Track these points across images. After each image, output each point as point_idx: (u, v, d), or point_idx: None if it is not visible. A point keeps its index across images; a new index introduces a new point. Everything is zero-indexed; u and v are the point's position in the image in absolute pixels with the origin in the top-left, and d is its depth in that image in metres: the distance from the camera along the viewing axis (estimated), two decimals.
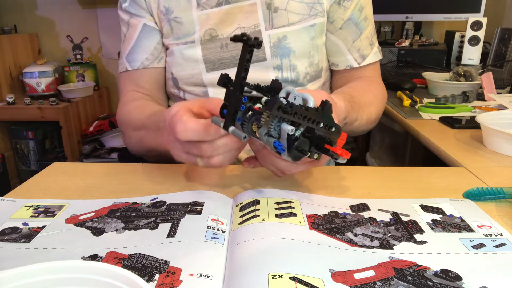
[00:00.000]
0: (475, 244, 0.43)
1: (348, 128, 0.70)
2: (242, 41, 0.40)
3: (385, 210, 0.50)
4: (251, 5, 0.74)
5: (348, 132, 0.74)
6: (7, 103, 2.10)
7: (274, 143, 0.43)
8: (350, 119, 0.68)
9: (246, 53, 0.41)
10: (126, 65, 0.81)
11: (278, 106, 0.40)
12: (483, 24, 1.41)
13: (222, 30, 0.75)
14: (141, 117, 0.71)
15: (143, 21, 0.79)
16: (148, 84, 0.81)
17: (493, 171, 0.64)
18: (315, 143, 0.45)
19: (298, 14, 0.75)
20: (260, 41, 0.40)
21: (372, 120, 0.77)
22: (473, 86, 1.18)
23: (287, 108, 0.41)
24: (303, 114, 0.42)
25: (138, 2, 0.78)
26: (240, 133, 0.45)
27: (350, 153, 0.46)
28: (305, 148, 0.44)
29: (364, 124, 0.74)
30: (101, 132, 2.25)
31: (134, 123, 0.73)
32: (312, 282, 0.36)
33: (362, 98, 0.73)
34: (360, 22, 0.79)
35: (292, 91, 0.46)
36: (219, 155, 0.49)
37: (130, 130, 0.75)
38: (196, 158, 0.50)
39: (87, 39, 2.39)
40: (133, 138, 0.75)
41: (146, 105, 0.76)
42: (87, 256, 0.41)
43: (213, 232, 0.45)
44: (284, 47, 0.75)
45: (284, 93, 0.47)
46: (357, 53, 0.80)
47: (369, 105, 0.74)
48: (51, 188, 0.58)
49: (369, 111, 0.74)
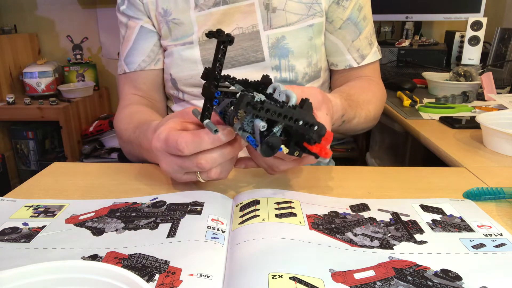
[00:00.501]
0: (475, 244, 0.43)
1: (347, 126, 0.70)
2: (215, 37, 0.41)
3: (385, 210, 0.50)
4: (249, 5, 0.74)
5: (348, 130, 0.73)
6: (7, 103, 2.10)
7: (247, 138, 0.44)
8: (348, 116, 0.68)
9: (219, 48, 0.42)
10: (124, 67, 0.82)
11: (247, 103, 0.40)
12: (483, 24, 1.41)
13: None
14: (127, 128, 0.71)
15: (140, 23, 0.79)
16: (145, 86, 0.82)
17: (493, 171, 0.64)
18: (294, 140, 0.46)
19: (297, 14, 0.75)
20: (232, 38, 0.41)
21: (371, 118, 0.76)
22: (473, 86, 1.18)
23: (257, 105, 0.41)
24: (277, 111, 0.42)
25: (135, 4, 0.78)
26: (213, 126, 0.45)
27: (330, 152, 0.46)
28: (276, 145, 0.44)
29: (363, 122, 0.74)
30: (101, 132, 2.25)
31: (123, 134, 0.73)
32: (312, 282, 0.36)
33: (360, 96, 0.73)
34: (359, 22, 0.79)
35: (277, 87, 0.46)
36: (217, 167, 0.50)
37: (121, 140, 0.76)
38: (196, 175, 0.51)
39: (87, 39, 2.39)
40: (124, 148, 0.76)
41: (135, 113, 0.75)
42: (87, 256, 0.41)
43: (213, 232, 0.45)
44: (282, 47, 0.75)
45: (271, 89, 0.47)
46: (356, 53, 0.80)
47: (367, 103, 0.74)
48: (51, 188, 0.58)
49: (368, 109, 0.74)
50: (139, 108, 0.79)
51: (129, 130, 0.70)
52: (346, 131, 0.73)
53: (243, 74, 0.70)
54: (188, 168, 0.50)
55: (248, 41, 0.75)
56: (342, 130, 0.72)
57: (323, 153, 0.46)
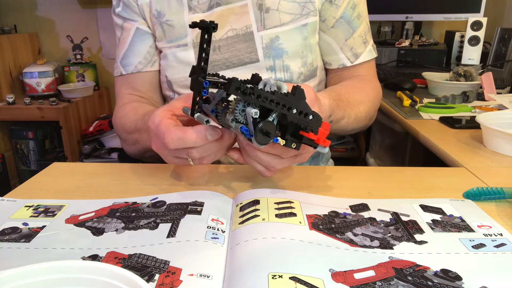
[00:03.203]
0: (475, 244, 0.43)
1: (335, 127, 0.69)
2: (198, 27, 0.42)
3: (385, 210, 0.50)
4: (242, 6, 0.74)
5: (337, 130, 0.73)
6: (7, 103, 2.10)
7: (241, 128, 0.44)
8: (336, 117, 0.67)
9: (204, 37, 0.42)
10: (120, 69, 0.82)
11: (236, 87, 0.40)
12: (483, 24, 1.41)
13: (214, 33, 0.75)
14: (135, 119, 0.71)
15: (135, 25, 0.79)
16: (143, 87, 0.82)
17: (493, 171, 0.64)
18: (290, 131, 0.45)
19: (290, 14, 0.75)
20: (215, 24, 0.41)
21: (361, 119, 0.75)
22: (473, 86, 1.18)
23: (247, 89, 0.40)
24: (269, 97, 0.42)
25: (130, 6, 0.78)
26: (203, 117, 0.45)
27: (329, 141, 0.46)
28: (271, 130, 0.44)
29: (353, 123, 0.73)
30: (101, 132, 2.25)
31: (128, 126, 0.74)
32: (312, 282, 0.36)
33: (351, 96, 0.72)
34: (353, 20, 0.78)
35: (268, 81, 0.46)
36: (209, 156, 0.51)
37: (125, 133, 0.76)
38: (188, 160, 0.52)
39: (87, 39, 2.39)
40: (128, 140, 0.76)
41: (139, 107, 0.76)
42: (87, 256, 0.41)
43: (213, 232, 0.45)
44: (276, 47, 0.75)
45: (262, 84, 0.47)
46: (349, 52, 0.80)
47: (358, 104, 0.73)
48: (51, 188, 0.58)
49: (358, 110, 0.73)
50: (143, 103, 0.79)
51: (137, 120, 0.70)
52: (334, 131, 0.72)
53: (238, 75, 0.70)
54: (178, 154, 0.51)
55: (242, 43, 0.75)
56: (331, 131, 0.71)
57: (321, 140, 0.45)
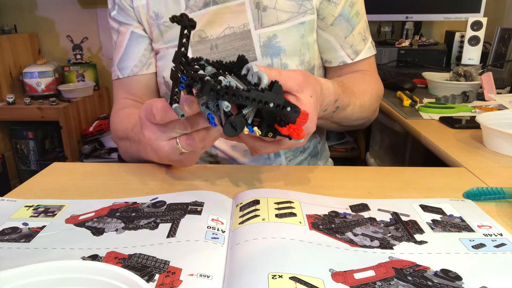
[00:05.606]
0: (475, 244, 0.43)
1: (342, 114, 0.69)
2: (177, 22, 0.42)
3: (385, 210, 0.50)
4: (239, 4, 0.74)
5: (343, 119, 0.72)
6: (7, 103, 2.10)
7: (208, 114, 0.44)
8: (342, 103, 0.66)
9: (183, 33, 0.42)
10: (117, 73, 0.82)
11: (210, 89, 0.41)
12: (483, 24, 1.41)
13: (211, 31, 0.75)
14: (126, 127, 0.71)
15: (130, 29, 0.79)
16: (138, 91, 0.82)
17: (493, 171, 0.64)
18: (268, 121, 0.46)
19: (287, 12, 0.75)
20: (194, 23, 0.41)
21: (366, 108, 0.75)
22: (473, 86, 1.18)
23: (220, 91, 0.41)
24: (244, 95, 0.42)
25: (125, 10, 0.78)
26: (180, 110, 0.45)
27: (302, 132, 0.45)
28: (239, 125, 0.44)
29: (358, 111, 0.72)
30: (101, 132, 2.25)
31: (121, 133, 0.74)
32: (312, 282, 0.36)
33: (355, 86, 0.72)
34: (352, 18, 0.78)
35: (251, 68, 0.46)
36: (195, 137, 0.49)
37: (118, 139, 0.76)
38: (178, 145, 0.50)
39: (87, 39, 2.39)
40: (121, 148, 0.76)
41: (132, 114, 0.76)
42: (87, 256, 0.41)
43: (213, 232, 0.45)
44: (274, 46, 0.75)
45: (245, 70, 0.47)
46: (350, 49, 0.80)
47: (362, 93, 0.73)
48: (51, 188, 0.58)
49: (363, 99, 0.73)
50: (136, 110, 0.79)
51: (128, 129, 0.70)
52: (341, 120, 0.72)
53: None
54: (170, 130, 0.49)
55: (240, 41, 0.75)
56: (337, 119, 0.70)
57: (294, 134, 0.45)
